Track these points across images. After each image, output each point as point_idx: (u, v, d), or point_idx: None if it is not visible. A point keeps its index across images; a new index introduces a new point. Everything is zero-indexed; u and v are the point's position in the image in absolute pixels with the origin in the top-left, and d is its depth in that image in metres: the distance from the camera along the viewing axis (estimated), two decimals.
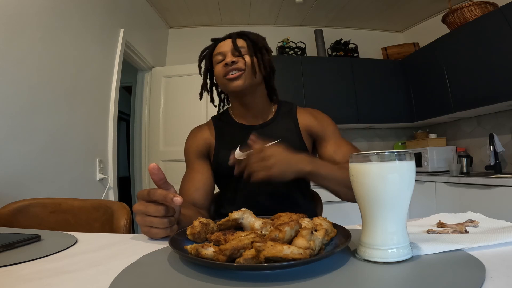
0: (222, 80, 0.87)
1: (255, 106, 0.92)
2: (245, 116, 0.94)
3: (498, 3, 2.15)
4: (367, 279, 0.35)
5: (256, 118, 0.93)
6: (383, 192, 0.38)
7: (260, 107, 0.93)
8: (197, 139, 0.94)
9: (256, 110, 0.92)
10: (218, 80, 0.90)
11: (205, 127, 0.98)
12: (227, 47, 0.88)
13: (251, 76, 0.86)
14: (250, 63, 0.86)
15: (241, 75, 0.84)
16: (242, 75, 0.85)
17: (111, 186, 1.96)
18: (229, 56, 0.86)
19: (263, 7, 2.95)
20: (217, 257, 0.37)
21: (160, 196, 0.51)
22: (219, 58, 0.88)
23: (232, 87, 0.86)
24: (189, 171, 0.91)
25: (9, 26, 1.24)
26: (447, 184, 2.13)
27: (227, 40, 0.90)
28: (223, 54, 0.88)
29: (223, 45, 0.89)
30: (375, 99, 2.90)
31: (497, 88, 2.06)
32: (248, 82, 0.86)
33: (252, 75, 0.86)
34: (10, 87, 1.25)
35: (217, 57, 0.89)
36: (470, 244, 0.41)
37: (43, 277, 0.37)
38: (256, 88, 0.90)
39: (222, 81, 0.88)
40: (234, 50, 0.87)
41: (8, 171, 1.22)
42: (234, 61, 0.84)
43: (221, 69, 0.87)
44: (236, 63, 0.84)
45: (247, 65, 0.86)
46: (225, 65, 0.85)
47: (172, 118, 2.75)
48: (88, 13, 1.80)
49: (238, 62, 0.85)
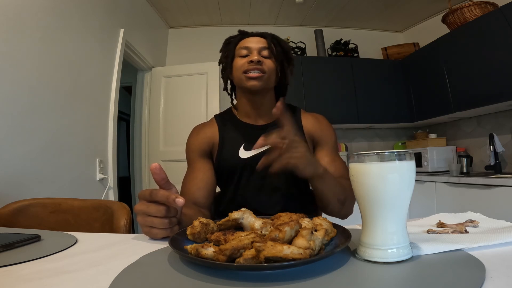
0: (240, 75, 0.87)
1: (263, 106, 0.92)
2: (250, 115, 0.93)
3: (498, 3, 2.15)
4: (367, 279, 0.35)
5: (261, 118, 0.93)
6: (383, 192, 0.38)
7: (267, 107, 0.92)
8: (200, 138, 0.93)
9: (262, 110, 0.92)
10: (235, 72, 0.89)
11: (208, 125, 0.97)
12: (256, 44, 0.87)
13: (271, 80, 0.87)
14: (274, 68, 0.87)
15: (261, 76, 0.84)
16: (262, 77, 0.85)
17: (111, 186, 1.96)
18: (256, 55, 0.86)
19: (263, 7, 2.95)
20: (217, 257, 0.37)
21: (162, 197, 0.51)
22: (244, 52, 0.87)
23: (249, 85, 0.85)
24: (191, 170, 0.91)
25: (9, 26, 1.24)
26: (447, 184, 2.13)
27: (256, 37, 0.89)
28: (250, 49, 0.87)
29: (252, 40, 0.88)
30: (375, 99, 2.90)
31: (497, 88, 2.06)
32: (266, 85, 0.86)
33: (273, 79, 0.87)
34: (10, 87, 1.25)
35: (241, 51, 0.88)
36: (470, 244, 0.41)
37: (43, 277, 0.37)
38: (268, 91, 0.91)
39: (239, 76, 0.87)
40: (264, 49, 0.87)
41: (8, 171, 1.22)
42: (260, 61, 0.84)
43: (243, 64, 0.86)
44: (261, 64, 0.84)
45: (269, 69, 0.86)
46: (250, 61, 0.84)
47: (172, 118, 2.75)
48: (88, 13, 1.80)
49: (263, 63, 0.85)
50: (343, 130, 3.16)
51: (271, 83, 0.89)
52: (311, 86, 2.82)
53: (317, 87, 2.83)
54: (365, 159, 0.39)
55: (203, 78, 2.71)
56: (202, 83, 2.71)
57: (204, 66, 2.71)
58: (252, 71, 0.84)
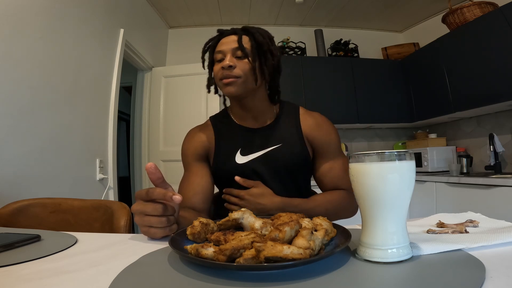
0: (218, 82, 0.84)
1: (254, 109, 0.88)
2: (243, 117, 0.91)
3: (498, 3, 2.15)
4: (367, 279, 0.35)
5: (257, 120, 0.90)
6: (383, 192, 0.38)
7: (259, 109, 0.89)
8: (195, 142, 0.91)
9: (256, 112, 0.89)
10: (215, 79, 0.86)
11: (203, 128, 0.94)
12: (229, 45, 0.82)
13: (248, 82, 0.82)
14: (249, 69, 0.81)
15: (235, 81, 0.80)
16: (236, 81, 0.80)
17: (111, 186, 1.96)
18: (228, 58, 0.80)
19: (263, 7, 2.95)
20: (217, 257, 0.37)
21: (159, 195, 0.51)
22: (219, 56, 0.83)
23: (225, 92, 0.83)
24: (188, 175, 0.88)
25: (9, 26, 1.24)
26: (447, 184, 2.13)
27: (230, 37, 0.83)
28: (224, 53, 0.82)
29: (226, 42, 0.83)
30: (375, 99, 2.90)
31: (497, 88, 2.06)
32: (243, 89, 0.82)
33: (251, 81, 0.82)
34: (11, 87, 1.25)
35: (217, 55, 0.83)
36: (470, 244, 0.41)
37: (43, 277, 0.37)
38: (255, 92, 0.86)
39: (218, 83, 0.85)
40: (236, 50, 0.81)
41: (8, 171, 1.22)
42: (231, 65, 0.79)
43: (219, 70, 0.82)
44: (232, 69, 0.79)
45: (244, 71, 0.80)
46: (222, 68, 0.80)
47: (172, 118, 2.75)
48: (88, 13, 1.80)
49: (236, 67, 0.80)
50: (343, 130, 3.16)
51: (250, 85, 0.82)
52: (311, 86, 2.82)
53: (317, 87, 2.83)
54: (365, 159, 0.39)
55: (203, 78, 2.66)
56: (202, 83, 2.66)
57: None
58: (226, 77, 0.80)
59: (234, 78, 0.80)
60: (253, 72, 0.81)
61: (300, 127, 0.90)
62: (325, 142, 0.88)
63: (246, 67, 0.81)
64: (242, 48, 0.81)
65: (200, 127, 0.96)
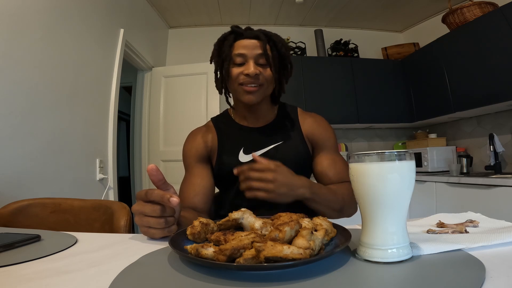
0: (236, 87, 0.82)
1: (259, 110, 0.90)
2: (247, 118, 0.92)
3: (498, 3, 2.14)
4: (367, 279, 0.35)
5: (258, 120, 0.92)
6: (383, 192, 0.38)
7: (263, 110, 0.91)
8: (197, 143, 0.91)
9: (259, 113, 0.91)
10: (231, 82, 0.83)
11: (205, 130, 0.95)
12: (252, 51, 0.80)
13: (268, 91, 0.84)
14: (271, 78, 0.82)
15: (258, 90, 0.80)
16: (259, 90, 0.81)
17: (111, 186, 1.96)
18: (252, 66, 0.79)
19: (263, 7, 2.95)
20: (217, 257, 0.37)
21: (157, 196, 0.51)
22: (239, 60, 0.80)
23: (245, 100, 0.82)
24: (188, 176, 0.89)
25: (9, 26, 1.24)
26: (447, 184, 2.13)
27: (252, 41, 0.80)
28: (245, 57, 0.80)
29: (247, 45, 0.80)
30: (375, 99, 2.90)
31: (497, 88, 2.06)
32: (262, 97, 0.83)
33: (270, 89, 0.84)
34: (11, 87, 1.25)
35: (237, 58, 0.80)
36: (470, 244, 0.41)
37: (43, 277, 0.37)
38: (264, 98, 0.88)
39: (235, 87, 0.83)
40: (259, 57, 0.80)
41: (8, 171, 1.22)
42: (257, 74, 0.78)
43: (239, 75, 0.80)
44: (258, 77, 0.79)
45: (267, 80, 0.81)
46: (246, 74, 0.79)
47: (172, 118, 2.75)
48: (88, 13, 1.80)
49: (260, 75, 0.79)
50: (343, 130, 3.16)
51: (268, 93, 0.85)
52: (311, 86, 2.82)
53: (317, 87, 2.83)
54: (365, 159, 0.39)
55: (203, 78, 2.71)
56: (202, 83, 2.71)
57: (204, 66, 2.70)
58: (249, 85, 0.80)
59: (257, 87, 0.80)
60: (274, 82, 0.83)
61: (299, 125, 0.92)
62: (325, 138, 0.91)
63: (269, 76, 0.82)
64: (267, 56, 0.80)
65: (201, 128, 0.96)
